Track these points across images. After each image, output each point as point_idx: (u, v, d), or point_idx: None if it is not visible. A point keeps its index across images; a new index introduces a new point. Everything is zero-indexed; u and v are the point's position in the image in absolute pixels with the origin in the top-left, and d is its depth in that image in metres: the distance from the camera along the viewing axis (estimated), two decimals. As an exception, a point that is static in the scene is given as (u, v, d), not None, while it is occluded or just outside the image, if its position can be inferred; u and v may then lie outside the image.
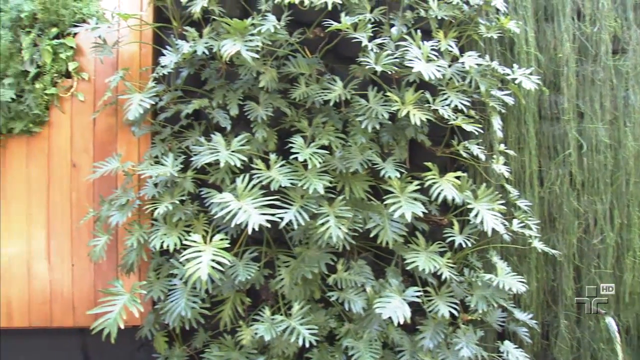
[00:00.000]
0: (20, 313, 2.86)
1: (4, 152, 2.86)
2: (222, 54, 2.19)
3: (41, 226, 2.85)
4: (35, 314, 2.86)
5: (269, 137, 2.47)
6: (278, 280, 2.43)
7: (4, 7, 2.74)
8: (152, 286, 2.44)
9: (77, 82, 2.84)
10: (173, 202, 2.31)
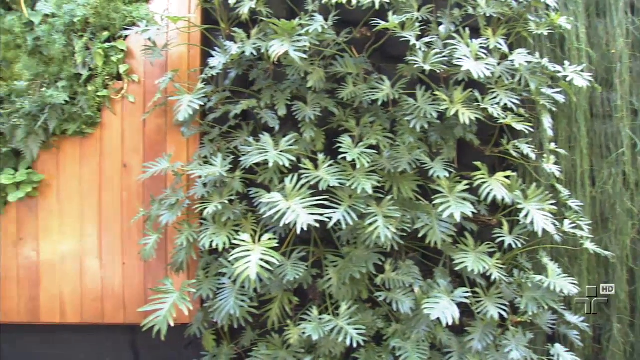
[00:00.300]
0: (73, 309, 2.96)
1: (58, 153, 2.96)
2: (270, 54, 2.22)
3: (93, 225, 2.94)
4: (87, 311, 2.95)
5: (316, 137, 2.49)
6: (326, 280, 2.45)
7: (58, 12, 2.84)
8: (201, 285, 2.49)
9: (128, 84, 2.91)
10: (222, 201, 2.35)
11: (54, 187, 2.96)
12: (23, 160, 2.93)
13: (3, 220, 3.00)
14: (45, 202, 2.96)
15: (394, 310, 2.43)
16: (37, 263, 2.98)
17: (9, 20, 2.89)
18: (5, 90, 2.88)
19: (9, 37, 2.89)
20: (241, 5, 2.42)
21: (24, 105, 2.81)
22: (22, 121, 2.82)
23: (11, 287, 2.99)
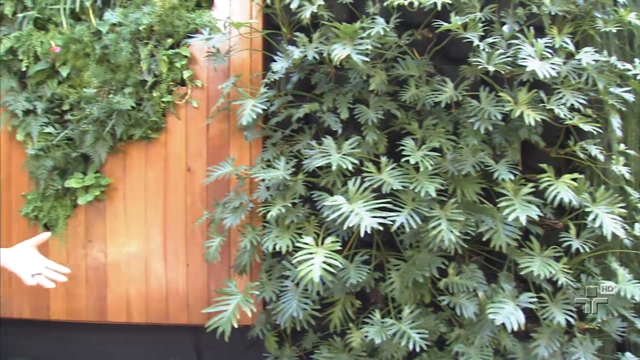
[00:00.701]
0: (138, 309, 3.07)
1: (125, 158, 3.08)
2: (332, 58, 2.25)
3: (158, 228, 3.04)
4: (152, 311, 3.06)
5: (379, 140, 2.51)
6: (388, 283, 2.46)
7: (124, 21, 2.95)
8: (264, 287, 2.54)
9: (192, 89, 3.01)
10: (285, 205, 2.40)
11: (121, 191, 3.08)
12: (92, 164, 3.06)
13: (72, 223, 3.14)
14: (112, 205, 3.09)
15: (457, 315, 2.42)
16: (105, 264, 3.10)
17: (78, 30, 3.03)
18: (75, 97, 3.02)
19: (78, 46, 3.03)
20: (303, 9, 2.46)
21: (92, 112, 2.93)
22: (91, 127, 2.95)
23: (80, 287, 3.12)
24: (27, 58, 3.12)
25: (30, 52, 3.12)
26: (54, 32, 3.10)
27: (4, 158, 3.28)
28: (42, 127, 3.08)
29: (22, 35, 3.14)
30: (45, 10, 3.15)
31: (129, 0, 3.05)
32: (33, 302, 3.22)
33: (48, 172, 3.09)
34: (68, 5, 3.09)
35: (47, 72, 3.13)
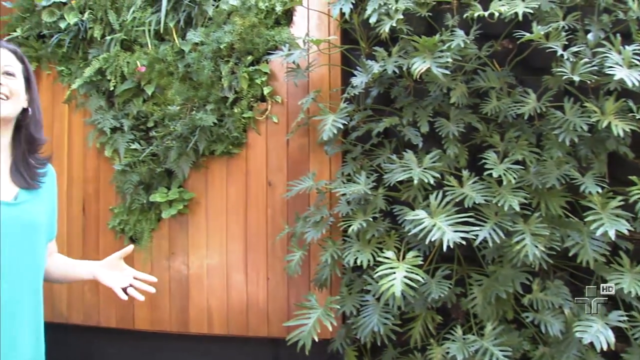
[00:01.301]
0: (219, 321, 3.18)
1: (207, 172, 3.22)
2: (412, 71, 2.29)
3: (239, 241, 3.15)
4: (233, 323, 3.17)
5: (460, 154, 2.52)
6: (470, 298, 2.46)
7: (206, 40, 3.10)
8: (344, 301, 2.58)
9: (272, 105, 3.12)
10: (366, 219, 2.44)
11: (203, 205, 3.22)
12: (175, 179, 3.21)
13: (156, 236, 3.30)
14: (195, 218, 3.23)
15: (541, 332, 2.38)
16: (187, 276, 3.24)
17: (162, 50, 3.20)
18: (159, 115, 3.19)
19: (162, 66, 3.20)
20: (382, 24, 2.51)
21: (176, 128, 3.09)
22: (175, 143, 3.11)
23: (163, 299, 3.27)
24: (115, 78, 3.32)
25: (117, 72, 3.32)
26: (139, 53, 3.29)
27: (93, 173, 3.49)
28: (128, 144, 3.27)
29: (110, 56, 3.35)
30: (131, 32, 3.34)
31: (210, 20, 3.19)
32: (119, 312, 3.40)
33: (134, 187, 3.26)
34: (153, 27, 3.27)
35: (133, 91, 3.32)
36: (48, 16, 3.51)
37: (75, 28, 3.47)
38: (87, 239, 3.49)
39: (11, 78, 1.71)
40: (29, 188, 1.75)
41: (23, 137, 1.79)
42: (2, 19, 3.71)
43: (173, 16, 3.26)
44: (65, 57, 3.56)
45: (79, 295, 3.48)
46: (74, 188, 3.53)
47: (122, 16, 3.38)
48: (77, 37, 3.50)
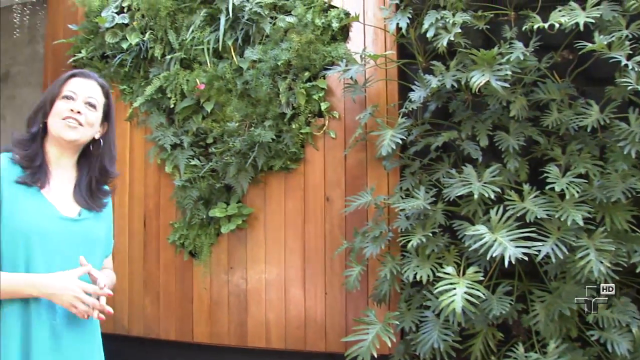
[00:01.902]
0: (277, 335, 3.23)
1: (265, 188, 3.29)
2: (471, 85, 2.30)
3: (297, 256, 3.21)
4: (290, 337, 3.21)
5: (520, 167, 2.51)
6: (532, 315, 2.43)
7: (264, 57, 3.19)
8: (403, 317, 2.59)
9: (329, 120, 3.18)
10: (426, 234, 2.45)
11: (261, 220, 3.29)
12: (234, 194, 3.30)
13: (215, 250, 3.39)
14: (253, 233, 3.30)
15: (607, 351, 2.34)
16: (245, 290, 3.31)
17: (220, 67, 3.30)
18: (218, 131, 3.29)
19: (221, 83, 3.30)
20: (439, 38, 2.53)
21: (235, 144, 3.18)
22: (234, 159, 3.19)
23: (222, 312, 3.35)
24: (175, 96, 3.45)
25: (177, 90, 3.44)
26: (198, 71, 3.40)
27: (154, 189, 3.61)
28: (188, 160, 3.38)
29: (170, 75, 3.48)
30: (190, 50, 3.47)
31: (267, 38, 3.28)
32: (179, 325, 3.49)
33: (194, 202, 3.37)
34: (211, 45, 3.38)
35: (193, 108, 3.44)
36: (111, 37, 3.68)
37: (137, 48, 3.62)
38: (147, 253, 3.61)
39: (91, 110, 1.86)
40: (89, 209, 1.88)
41: (97, 167, 1.93)
42: (68, 41, 3.90)
43: (231, 34, 3.37)
44: (127, 76, 3.72)
45: (139, 308, 3.60)
46: (135, 203, 3.67)
47: (182, 36, 3.51)
48: (139, 57, 3.65)
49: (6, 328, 1.68)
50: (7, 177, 1.74)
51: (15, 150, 1.81)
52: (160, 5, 3.53)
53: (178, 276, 3.51)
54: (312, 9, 3.20)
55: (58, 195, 1.83)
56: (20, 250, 1.70)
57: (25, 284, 1.66)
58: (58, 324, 1.73)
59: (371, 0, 3.18)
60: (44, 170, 1.81)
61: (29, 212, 1.73)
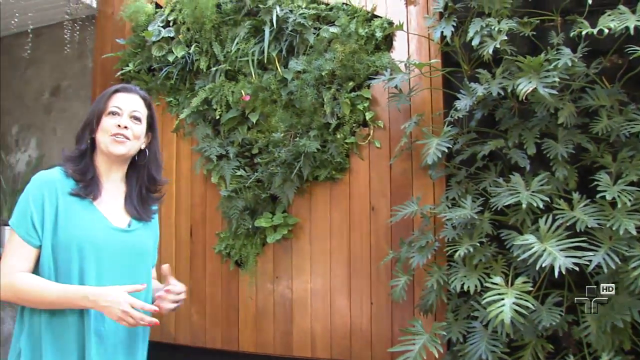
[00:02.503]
0: (323, 345, 3.25)
1: (310, 198, 3.33)
2: (517, 93, 2.30)
3: (342, 265, 3.23)
4: (336, 347, 3.23)
5: (569, 175, 2.48)
6: (583, 327, 2.40)
7: (308, 68, 3.24)
8: (450, 327, 2.58)
9: (374, 130, 3.20)
10: (473, 244, 2.44)
11: (307, 229, 3.33)
12: (279, 204, 3.34)
13: (261, 260, 3.44)
14: (299, 243, 3.34)
15: (663, 366, 2.30)
16: (291, 300, 3.35)
17: (265, 78, 3.37)
18: (264, 142, 3.34)
19: (265, 94, 3.36)
20: (484, 46, 2.53)
21: (280, 155, 3.23)
22: (279, 169, 3.24)
23: (268, 322, 3.39)
24: (220, 107, 3.53)
25: (222, 101, 3.52)
26: (243, 82, 3.47)
27: (200, 199, 3.69)
28: (234, 171, 3.45)
29: (215, 86, 3.55)
30: (235, 62, 3.54)
31: (311, 48, 3.33)
32: (225, 334, 3.55)
33: (239, 212, 3.42)
34: (256, 57, 3.45)
35: (238, 119, 3.51)
36: (157, 50, 3.78)
37: (183, 61, 3.71)
38: (194, 262, 3.68)
39: (137, 123, 1.95)
40: (139, 219, 1.95)
41: (145, 175, 2.02)
42: (116, 55, 4.02)
43: (275, 46, 3.43)
44: (174, 89, 3.82)
45: (186, 317, 3.68)
46: (182, 214, 3.75)
47: (227, 48, 3.58)
48: (184, 69, 3.74)
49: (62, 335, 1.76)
50: (61, 189, 1.83)
51: (67, 165, 1.89)
52: (205, 19, 3.61)
53: (224, 285, 3.57)
54: (355, 19, 3.24)
55: (109, 207, 1.92)
56: (75, 260, 1.78)
57: (77, 295, 1.73)
58: (106, 330, 1.81)
59: (415, 9, 3.20)
60: (95, 183, 1.90)
61: (83, 222, 1.82)
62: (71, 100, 4.65)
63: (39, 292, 1.72)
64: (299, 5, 3.40)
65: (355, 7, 3.30)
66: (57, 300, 1.72)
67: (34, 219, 1.77)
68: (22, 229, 1.77)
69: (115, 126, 1.89)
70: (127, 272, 1.87)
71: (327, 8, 3.39)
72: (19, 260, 1.76)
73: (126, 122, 1.91)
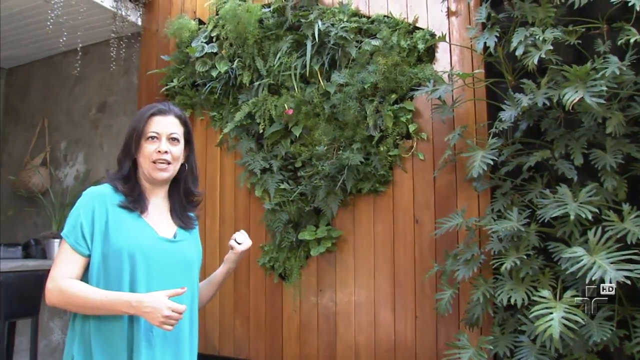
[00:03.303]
0: (367, 358, 3.25)
1: (354, 210, 3.35)
2: (564, 102, 2.27)
3: (386, 278, 3.24)
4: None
5: (618, 186, 2.44)
6: (635, 342, 2.35)
7: (351, 81, 3.27)
8: (497, 342, 2.55)
9: (417, 142, 3.20)
10: (520, 256, 2.42)
11: (350, 242, 3.35)
12: (323, 217, 3.37)
13: (305, 273, 3.47)
14: (342, 255, 3.36)
15: None
16: (335, 313, 3.36)
17: (308, 92, 3.41)
18: (307, 155, 3.38)
19: (308, 107, 3.40)
20: (529, 55, 2.51)
21: (324, 168, 3.26)
22: (323, 182, 3.27)
23: (311, 334, 3.41)
24: (263, 121, 3.58)
25: (265, 115, 3.58)
26: (286, 96, 3.52)
27: (244, 213, 3.75)
28: (277, 184, 3.49)
29: (258, 100, 3.62)
30: (277, 76, 3.59)
31: (353, 61, 3.36)
32: (268, 346, 3.58)
33: (283, 225, 3.47)
34: (298, 71, 3.49)
35: (281, 133, 3.56)
36: (201, 66, 3.87)
37: (226, 76, 3.79)
38: (238, 275, 3.73)
39: (175, 144, 2.04)
40: (185, 228, 2.04)
41: (182, 189, 2.10)
42: (161, 71, 4.12)
43: (317, 59, 3.47)
44: (217, 103, 3.90)
45: (230, 329, 3.73)
46: (226, 227, 3.81)
47: (269, 62, 3.64)
48: (228, 84, 3.82)
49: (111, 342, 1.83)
50: (110, 201, 1.92)
51: (115, 183, 1.99)
52: (248, 34, 3.68)
53: (268, 298, 3.61)
54: (397, 32, 3.26)
55: (156, 219, 2.02)
56: (126, 267, 1.87)
57: (120, 301, 1.80)
58: (155, 337, 1.86)
59: (456, 20, 3.20)
60: (142, 198, 2.01)
61: (132, 232, 1.91)
62: (117, 116, 4.78)
63: (84, 297, 1.80)
64: (340, 18, 3.43)
65: (397, 19, 3.32)
66: (101, 305, 1.80)
67: (84, 230, 1.87)
68: (72, 239, 1.86)
69: (156, 152, 1.98)
70: (174, 280, 1.95)
71: (368, 21, 3.42)
72: (68, 268, 1.86)
73: (165, 146, 1.99)
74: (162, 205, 2.08)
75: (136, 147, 2.00)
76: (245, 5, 3.69)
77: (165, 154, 1.98)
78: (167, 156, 1.99)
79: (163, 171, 1.99)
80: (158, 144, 1.98)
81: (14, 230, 5.24)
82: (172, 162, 2.01)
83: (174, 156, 2.01)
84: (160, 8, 4.38)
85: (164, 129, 2.01)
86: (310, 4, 3.55)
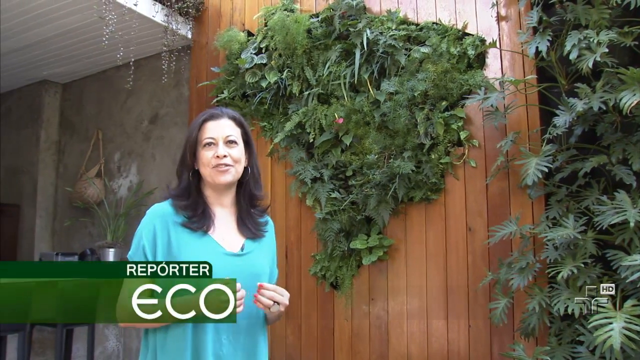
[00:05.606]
0: (420, 368, 3.26)
1: (405, 219, 3.36)
2: (621, 106, 2.25)
3: (438, 287, 3.23)
4: (434, 371, 3.23)
5: (680, 192, 2.41)
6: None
7: (401, 89, 3.29)
8: (554, 352, 2.52)
9: (469, 149, 3.20)
10: (577, 265, 2.39)
11: (402, 251, 3.36)
12: (374, 226, 3.39)
13: (356, 282, 3.49)
14: (394, 264, 3.37)
15: None
16: (387, 322, 3.38)
17: (357, 101, 3.45)
18: (358, 164, 3.41)
19: (358, 116, 3.44)
20: (583, 59, 2.49)
21: (375, 177, 3.28)
22: (374, 191, 3.29)
23: (363, 344, 3.43)
24: (313, 130, 3.63)
25: (315, 124, 3.62)
26: (336, 105, 3.57)
27: (295, 222, 3.80)
28: (329, 193, 3.53)
29: (308, 110, 3.67)
30: (327, 86, 3.64)
31: (403, 69, 3.38)
32: (320, 355, 3.61)
33: (335, 234, 3.50)
34: (347, 80, 3.53)
35: (332, 142, 3.60)
36: (251, 77, 3.95)
37: (275, 86, 3.85)
38: (289, 284, 3.77)
39: (233, 146, 1.96)
40: (254, 238, 2.00)
41: (245, 193, 2.05)
42: (211, 82, 4.22)
43: (367, 68, 3.50)
44: (267, 114, 3.96)
45: (281, 337, 3.77)
46: (278, 236, 3.75)
47: (318, 72, 3.69)
48: (277, 94, 3.88)
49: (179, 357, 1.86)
50: (172, 221, 1.91)
51: (176, 201, 1.95)
52: (297, 44, 3.74)
53: (319, 307, 3.64)
54: (446, 38, 3.27)
55: (223, 233, 1.97)
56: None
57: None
58: (224, 353, 1.88)
59: (507, 25, 3.19)
60: (207, 215, 1.95)
61: (196, 251, 1.89)
62: (168, 128, 4.91)
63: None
64: (389, 27, 3.46)
65: (446, 26, 3.33)
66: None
67: (146, 251, 1.87)
68: (136, 260, 1.89)
69: (214, 157, 1.92)
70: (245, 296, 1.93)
71: (417, 28, 3.44)
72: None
73: (223, 150, 1.93)
74: (229, 216, 2.00)
75: (193, 156, 1.96)
76: (294, 15, 3.76)
77: (224, 158, 1.91)
78: (227, 160, 1.91)
79: (225, 173, 1.92)
80: (215, 149, 1.92)
81: (69, 240, 5.43)
82: (234, 165, 1.93)
83: (234, 159, 1.93)
84: (210, 21, 4.49)
85: (219, 133, 1.94)
86: (358, 13, 3.58)
